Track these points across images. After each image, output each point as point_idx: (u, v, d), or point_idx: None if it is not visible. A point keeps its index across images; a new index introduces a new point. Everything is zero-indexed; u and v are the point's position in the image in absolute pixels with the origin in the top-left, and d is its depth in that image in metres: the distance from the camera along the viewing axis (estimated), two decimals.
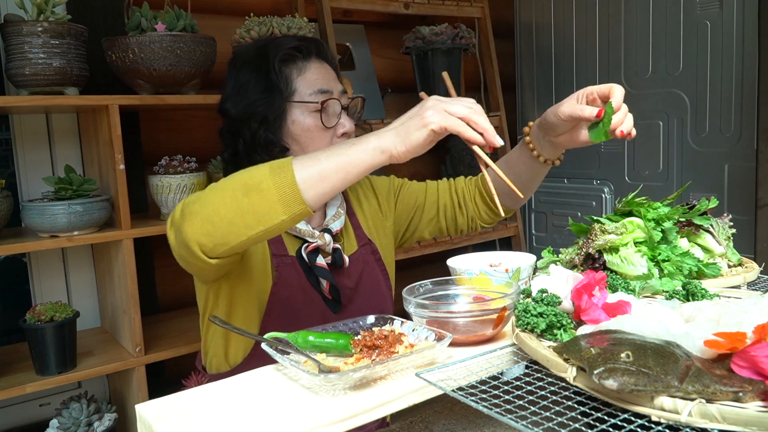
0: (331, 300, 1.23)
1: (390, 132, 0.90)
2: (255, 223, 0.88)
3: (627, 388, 0.56)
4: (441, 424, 1.04)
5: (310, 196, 0.87)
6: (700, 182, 2.09)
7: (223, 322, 0.93)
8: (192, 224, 0.91)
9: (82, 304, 2.01)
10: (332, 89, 1.21)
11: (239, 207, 0.87)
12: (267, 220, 0.87)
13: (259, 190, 0.86)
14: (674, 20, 2.13)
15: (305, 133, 1.19)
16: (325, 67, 1.24)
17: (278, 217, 0.87)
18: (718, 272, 0.97)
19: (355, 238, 1.32)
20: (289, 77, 1.20)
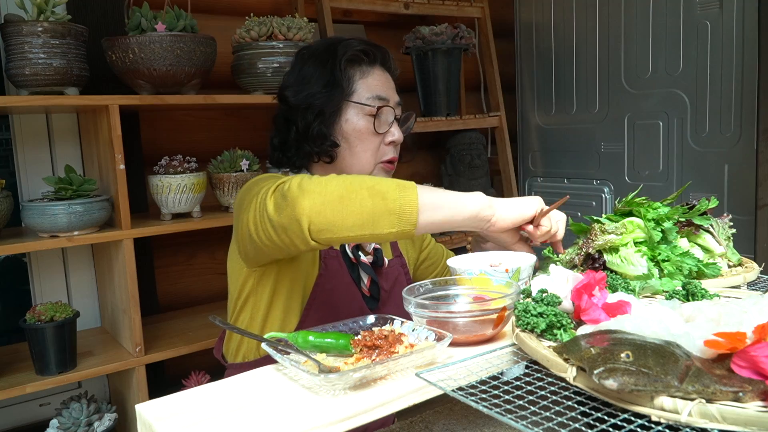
0: (370, 297, 1.27)
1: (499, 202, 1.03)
2: (368, 224, 0.91)
3: (627, 388, 0.56)
4: (441, 424, 1.04)
5: (422, 219, 0.93)
6: (700, 182, 2.09)
7: (223, 323, 0.93)
8: (312, 201, 0.92)
9: (82, 304, 2.01)
10: (389, 98, 1.27)
11: (361, 204, 0.91)
12: (380, 226, 0.91)
13: (384, 197, 0.91)
14: (674, 20, 2.13)
15: (356, 134, 1.24)
16: (387, 76, 1.30)
17: (390, 227, 0.92)
18: (718, 272, 0.97)
19: (391, 249, 1.38)
20: (352, 77, 1.25)
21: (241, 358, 1.25)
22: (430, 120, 2.42)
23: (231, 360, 1.27)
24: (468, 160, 2.54)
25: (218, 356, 1.33)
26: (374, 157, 1.26)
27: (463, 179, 2.56)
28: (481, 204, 0.99)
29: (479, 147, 2.59)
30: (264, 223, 1.00)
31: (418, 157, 2.82)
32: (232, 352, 1.27)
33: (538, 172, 2.68)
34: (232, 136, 2.24)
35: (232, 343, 1.27)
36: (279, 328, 1.21)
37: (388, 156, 1.28)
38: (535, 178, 2.69)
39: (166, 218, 1.87)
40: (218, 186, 1.95)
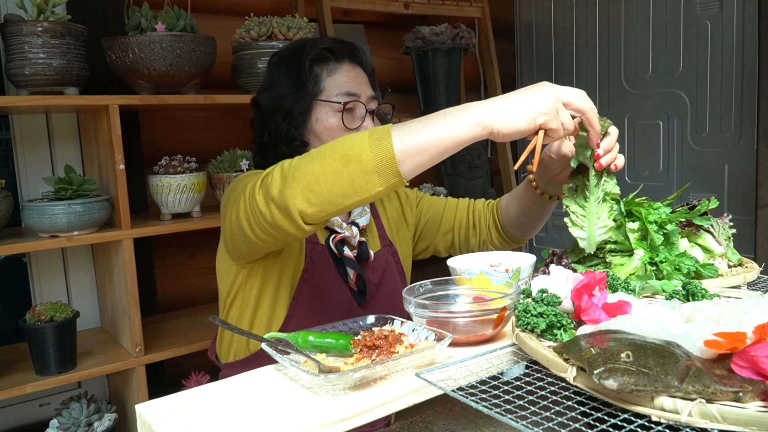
0: (357, 291, 1.27)
1: (496, 105, 0.87)
2: (352, 193, 0.88)
3: (627, 388, 0.56)
4: (441, 424, 1.04)
5: (407, 167, 0.86)
6: (700, 182, 2.09)
7: (223, 323, 0.93)
8: (294, 189, 0.91)
9: (82, 304, 2.01)
10: (360, 93, 1.25)
11: (339, 176, 0.87)
12: (364, 190, 0.87)
13: (358, 161, 0.86)
14: (674, 20, 2.12)
15: (327, 132, 1.23)
16: (358, 71, 1.28)
17: (375, 188, 0.87)
18: (716, 273, 0.97)
19: (379, 238, 1.36)
20: (319, 76, 1.24)
21: (233, 357, 1.26)
22: None
23: (224, 360, 1.29)
24: (468, 160, 2.54)
25: (212, 357, 1.34)
26: None
27: (463, 179, 2.56)
28: (470, 128, 0.87)
29: (479, 147, 2.59)
30: (258, 220, 0.99)
31: None
32: (224, 352, 1.29)
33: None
34: (232, 136, 2.24)
35: (224, 342, 1.28)
36: (267, 324, 1.21)
37: None
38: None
39: (166, 218, 1.87)
40: (218, 186, 1.95)
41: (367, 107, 1.26)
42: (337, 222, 1.25)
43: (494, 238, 1.37)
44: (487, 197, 2.56)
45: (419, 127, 0.87)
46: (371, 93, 1.28)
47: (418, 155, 0.86)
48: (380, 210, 1.40)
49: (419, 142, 0.86)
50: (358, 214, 1.31)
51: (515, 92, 0.90)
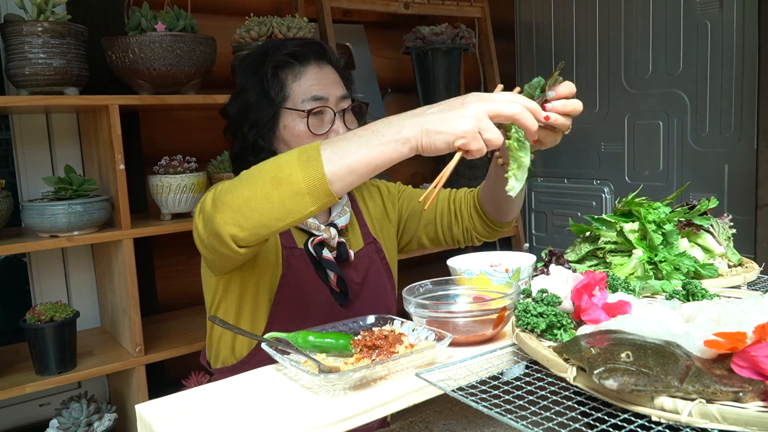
0: (339, 293, 1.26)
1: (420, 121, 0.86)
2: (285, 215, 0.88)
3: (627, 388, 0.56)
4: (441, 424, 1.04)
5: (338, 187, 0.87)
6: (700, 182, 2.09)
7: (223, 323, 0.94)
8: (224, 215, 0.92)
9: (82, 304, 2.01)
10: (328, 95, 1.21)
11: (269, 200, 0.88)
12: (297, 211, 0.88)
13: (289, 183, 0.86)
14: (674, 20, 2.13)
15: (296, 139, 1.21)
16: (326, 71, 1.24)
17: (307, 208, 0.87)
18: (715, 273, 0.97)
19: (362, 236, 1.35)
20: (284, 82, 1.21)
21: (221, 363, 1.26)
22: None
23: (214, 365, 1.29)
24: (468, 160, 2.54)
25: (204, 362, 1.34)
26: None
27: (463, 179, 2.56)
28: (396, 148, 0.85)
29: None
30: (201, 244, 1.03)
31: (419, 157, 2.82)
32: (213, 359, 1.29)
33: (538, 172, 2.68)
34: None
35: (212, 349, 1.28)
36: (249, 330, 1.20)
37: None
38: (535, 178, 2.69)
39: (166, 218, 1.87)
40: None
41: (336, 109, 1.22)
42: (314, 225, 1.24)
43: (477, 224, 1.35)
44: None
45: (348, 146, 0.86)
46: (341, 93, 1.24)
47: (348, 175, 0.86)
48: (362, 207, 1.38)
49: (349, 162, 0.86)
50: (337, 215, 1.29)
51: (442, 106, 0.87)
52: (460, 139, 0.83)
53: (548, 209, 2.65)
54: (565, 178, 2.56)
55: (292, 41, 1.26)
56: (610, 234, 1.04)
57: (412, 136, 0.85)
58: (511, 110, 0.85)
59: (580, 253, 1.06)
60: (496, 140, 0.84)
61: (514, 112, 0.85)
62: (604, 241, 1.04)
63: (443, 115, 0.85)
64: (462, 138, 0.83)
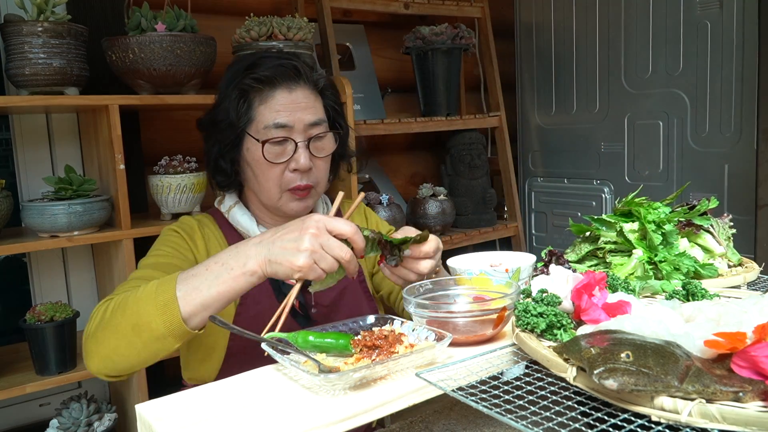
0: (302, 316, 1.22)
1: (263, 251, 0.91)
2: (151, 357, 0.95)
3: (627, 388, 0.56)
4: (441, 424, 1.04)
5: (195, 323, 0.93)
6: (700, 182, 2.09)
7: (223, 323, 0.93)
8: (94, 362, 0.99)
9: (82, 304, 2.01)
10: (293, 123, 1.16)
11: (133, 346, 0.94)
12: (162, 350, 0.94)
13: (149, 329, 0.92)
14: (674, 20, 2.13)
15: (255, 164, 1.19)
16: (296, 95, 1.18)
17: (172, 346, 0.94)
18: (715, 273, 0.97)
19: None
20: (251, 104, 1.18)
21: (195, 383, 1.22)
22: (430, 120, 2.42)
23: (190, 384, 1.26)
24: (468, 160, 2.54)
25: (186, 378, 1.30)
26: (278, 186, 1.18)
27: (463, 179, 2.56)
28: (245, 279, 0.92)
29: (479, 147, 2.59)
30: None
31: (419, 157, 2.82)
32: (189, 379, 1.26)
33: (538, 172, 2.68)
34: None
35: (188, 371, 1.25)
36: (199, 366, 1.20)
37: (294, 183, 1.18)
38: (535, 178, 2.69)
39: (166, 218, 1.87)
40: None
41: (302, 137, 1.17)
42: None
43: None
44: (487, 197, 2.57)
45: (200, 284, 0.92)
46: (311, 119, 1.18)
47: (203, 311, 0.92)
48: None
49: (202, 300, 0.92)
50: None
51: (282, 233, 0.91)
52: (297, 272, 0.89)
53: (548, 209, 2.65)
54: (565, 178, 2.56)
55: (271, 59, 1.20)
56: (610, 234, 1.04)
57: (257, 267, 0.91)
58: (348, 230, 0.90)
59: (580, 253, 1.06)
60: (331, 268, 0.89)
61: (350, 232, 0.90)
62: (604, 241, 1.04)
63: (283, 244, 0.90)
64: (299, 272, 0.88)
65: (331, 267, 0.89)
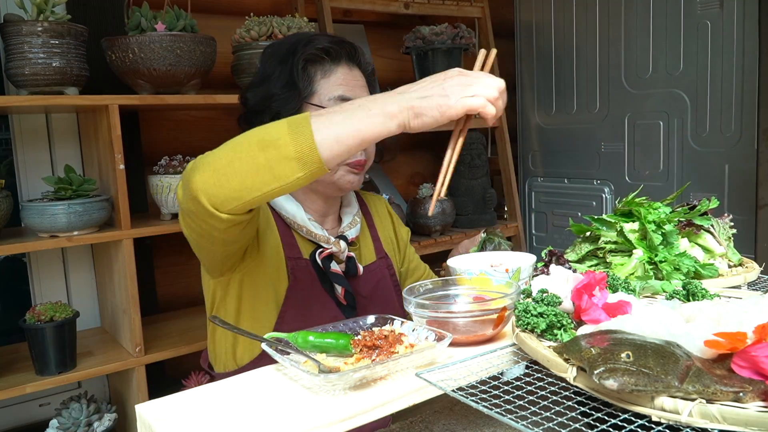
0: (346, 306, 1.23)
1: (404, 98, 0.87)
2: (271, 180, 0.85)
3: (627, 388, 0.56)
4: (441, 424, 1.04)
5: (327, 156, 0.85)
6: (700, 182, 2.09)
7: (223, 323, 0.93)
8: (203, 174, 0.88)
9: (82, 304, 2.01)
10: (355, 97, 1.19)
11: (255, 162, 0.85)
12: (283, 177, 0.85)
13: (276, 146, 0.84)
14: (674, 20, 2.12)
15: None
16: (355, 73, 1.23)
17: (294, 174, 0.84)
18: (716, 273, 0.97)
19: (374, 250, 1.33)
20: (313, 77, 1.19)
21: (222, 368, 1.23)
22: None
23: (217, 370, 1.26)
24: (468, 160, 2.54)
25: (205, 365, 1.31)
26: None
27: (463, 179, 2.55)
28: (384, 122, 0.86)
29: (479, 147, 2.59)
30: (182, 215, 0.98)
31: (419, 157, 2.82)
32: (214, 363, 1.26)
33: (538, 172, 2.68)
34: (232, 136, 2.22)
35: (214, 354, 1.25)
36: (250, 342, 1.18)
37: (353, 159, 1.20)
38: (535, 178, 2.69)
39: (166, 218, 1.87)
40: None
41: None
42: (323, 237, 1.21)
43: None
44: (487, 197, 2.57)
45: (335, 117, 0.86)
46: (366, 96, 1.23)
47: (336, 145, 0.85)
48: (377, 223, 1.38)
49: (336, 133, 0.85)
50: (347, 226, 1.27)
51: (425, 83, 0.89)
52: (447, 112, 0.85)
53: (548, 209, 2.65)
54: (565, 178, 2.56)
55: (324, 36, 1.22)
56: (610, 234, 1.04)
57: (398, 111, 0.86)
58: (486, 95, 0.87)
59: (580, 253, 1.06)
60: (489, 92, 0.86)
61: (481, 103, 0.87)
62: (604, 241, 1.04)
63: (427, 90, 0.86)
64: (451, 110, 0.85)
65: (489, 91, 0.86)
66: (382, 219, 1.41)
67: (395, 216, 1.47)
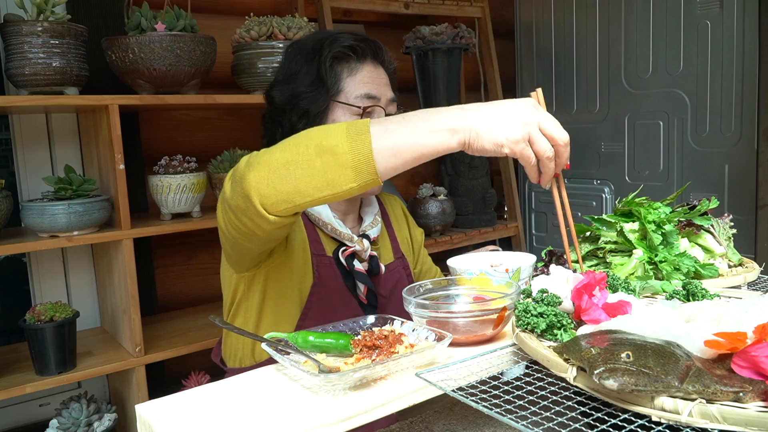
0: (367, 305, 1.23)
1: (470, 116, 0.83)
2: (324, 186, 0.83)
3: (627, 388, 0.56)
4: (441, 424, 1.04)
5: (383, 168, 0.83)
6: (700, 182, 2.09)
7: (223, 323, 0.93)
8: (258, 173, 0.86)
9: (82, 304, 2.01)
10: (380, 95, 1.20)
11: (310, 166, 0.83)
12: (337, 185, 0.83)
13: (333, 153, 0.82)
14: (674, 20, 2.12)
15: None
16: (380, 71, 1.23)
17: (348, 183, 0.83)
18: (716, 273, 0.97)
19: (392, 250, 1.34)
20: (339, 75, 1.19)
21: (239, 362, 1.23)
22: None
23: (230, 365, 1.26)
24: (468, 160, 2.54)
25: (216, 360, 1.31)
26: None
27: (463, 179, 2.55)
28: (447, 138, 0.83)
29: None
30: (225, 210, 0.96)
31: None
32: (230, 357, 1.26)
33: None
34: (232, 136, 2.24)
35: (228, 347, 1.25)
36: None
37: None
38: None
39: (166, 218, 1.87)
40: (218, 186, 1.95)
41: (386, 111, 1.21)
42: (347, 235, 1.22)
43: None
44: (487, 197, 2.57)
45: (396, 127, 0.83)
46: (391, 95, 1.23)
47: (393, 158, 0.83)
48: (394, 223, 1.39)
49: (394, 144, 0.82)
50: (368, 226, 1.28)
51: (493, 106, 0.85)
52: (505, 146, 0.82)
53: (548, 209, 2.65)
54: (565, 178, 2.55)
55: (349, 35, 1.22)
56: (610, 234, 1.04)
57: (461, 129, 0.82)
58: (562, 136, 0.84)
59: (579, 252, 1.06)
60: (544, 152, 0.83)
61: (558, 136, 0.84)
62: (604, 241, 1.04)
63: (494, 112, 0.83)
64: (509, 145, 0.82)
65: (545, 151, 0.82)
66: (398, 219, 1.42)
67: (410, 217, 1.48)
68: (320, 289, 1.19)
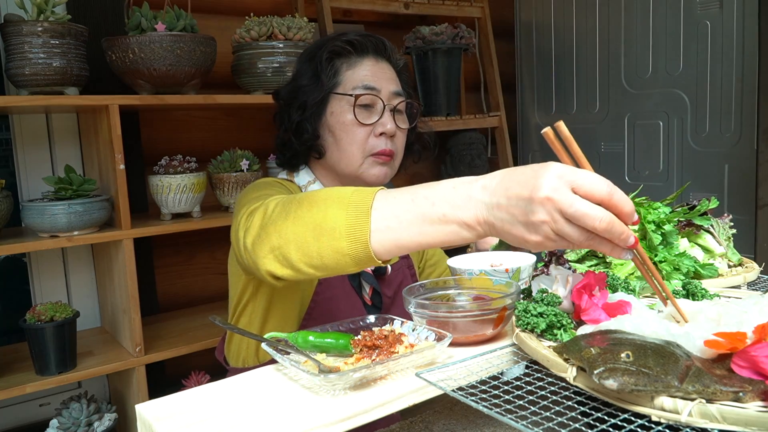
0: (371, 306, 1.24)
1: (486, 210, 0.72)
2: (323, 268, 0.83)
3: (627, 388, 0.56)
4: (441, 424, 1.04)
5: (382, 254, 0.79)
6: (700, 182, 2.09)
7: (223, 323, 0.93)
8: (264, 254, 0.88)
9: (82, 304, 2.01)
10: (380, 87, 1.21)
11: (309, 248, 0.82)
12: (335, 268, 0.83)
13: (332, 237, 0.80)
14: (674, 20, 2.13)
15: (340, 126, 1.20)
16: (382, 65, 1.24)
17: (347, 269, 0.82)
18: (715, 273, 0.97)
19: None
20: (338, 69, 1.22)
21: (242, 362, 1.24)
22: (430, 120, 2.42)
23: (233, 364, 1.26)
24: (468, 160, 2.54)
25: (220, 358, 1.32)
26: (362, 150, 1.20)
27: None
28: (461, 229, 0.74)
29: (479, 147, 2.59)
30: (240, 255, 0.98)
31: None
32: (232, 357, 1.26)
33: None
34: (232, 136, 2.24)
35: (233, 346, 1.26)
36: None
37: (379, 148, 1.20)
38: None
39: (166, 218, 1.87)
40: (218, 186, 1.95)
41: (386, 103, 1.21)
42: None
43: None
44: None
45: (402, 215, 0.76)
46: (394, 88, 1.23)
47: (396, 249, 0.78)
48: None
49: (397, 237, 0.77)
50: None
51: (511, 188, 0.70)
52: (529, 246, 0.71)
53: None
54: None
55: (353, 33, 1.25)
56: None
57: (476, 223, 0.73)
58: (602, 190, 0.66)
59: (580, 253, 1.06)
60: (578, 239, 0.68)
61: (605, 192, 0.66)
62: None
63: (511, 206, 0.70)
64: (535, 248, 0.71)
65: (578, 238, 0.67)
66: None
67: None
68: (324, 289, 1.20)
